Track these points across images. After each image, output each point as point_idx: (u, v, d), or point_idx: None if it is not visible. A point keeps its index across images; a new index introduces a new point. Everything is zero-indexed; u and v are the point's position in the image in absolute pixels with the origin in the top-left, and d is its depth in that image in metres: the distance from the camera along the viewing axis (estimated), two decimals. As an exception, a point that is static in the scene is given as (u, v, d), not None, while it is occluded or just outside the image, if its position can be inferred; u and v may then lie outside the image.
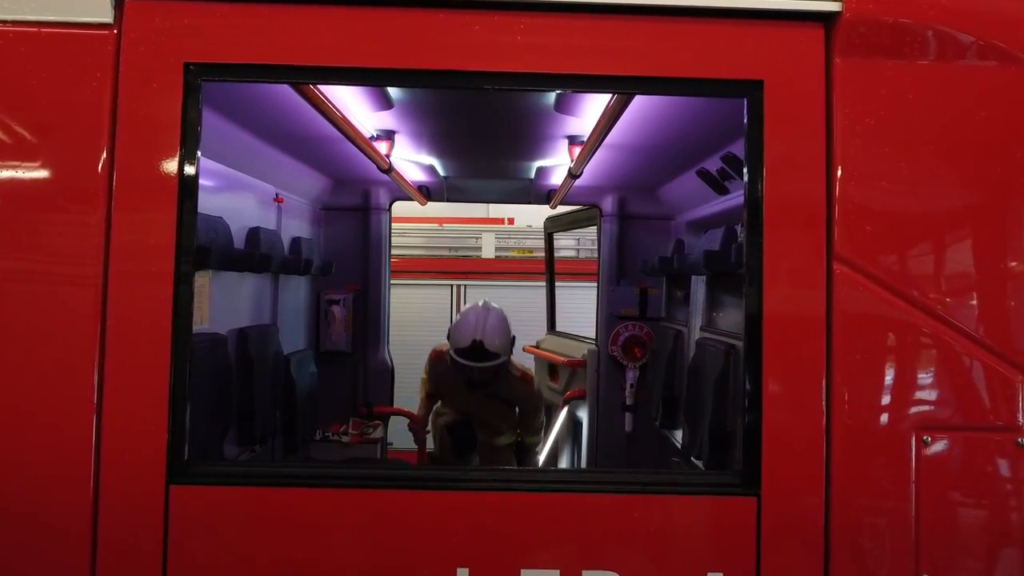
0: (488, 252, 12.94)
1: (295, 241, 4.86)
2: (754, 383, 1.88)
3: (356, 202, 5.73)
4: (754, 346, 1.88)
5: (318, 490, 1.86)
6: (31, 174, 1.86)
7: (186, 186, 1.87)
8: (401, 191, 5.53)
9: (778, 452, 1.87)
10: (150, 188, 1.87)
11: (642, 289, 5.69)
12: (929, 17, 1.90)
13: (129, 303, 1.84)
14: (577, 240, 14.28)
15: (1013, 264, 1.89)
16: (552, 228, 7.00)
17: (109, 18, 1.88)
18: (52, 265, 1.85)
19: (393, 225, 6.00)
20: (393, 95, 3.17)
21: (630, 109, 3.00)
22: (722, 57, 1.92)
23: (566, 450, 6.14)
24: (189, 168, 1.87)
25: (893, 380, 1.89)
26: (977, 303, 1.89)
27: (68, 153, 1.87)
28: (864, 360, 1.88)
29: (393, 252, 6.10)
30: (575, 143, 3.99)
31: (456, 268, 11.09)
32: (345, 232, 5.75)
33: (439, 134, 4.15)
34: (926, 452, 1.86)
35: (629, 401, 5.58)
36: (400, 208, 6.07)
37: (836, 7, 1.90)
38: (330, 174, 5.29)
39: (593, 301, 6.07)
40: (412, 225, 13.23)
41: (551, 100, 3.25)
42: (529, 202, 5.94)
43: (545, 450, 6.13)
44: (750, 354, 1.89)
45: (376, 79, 2.01)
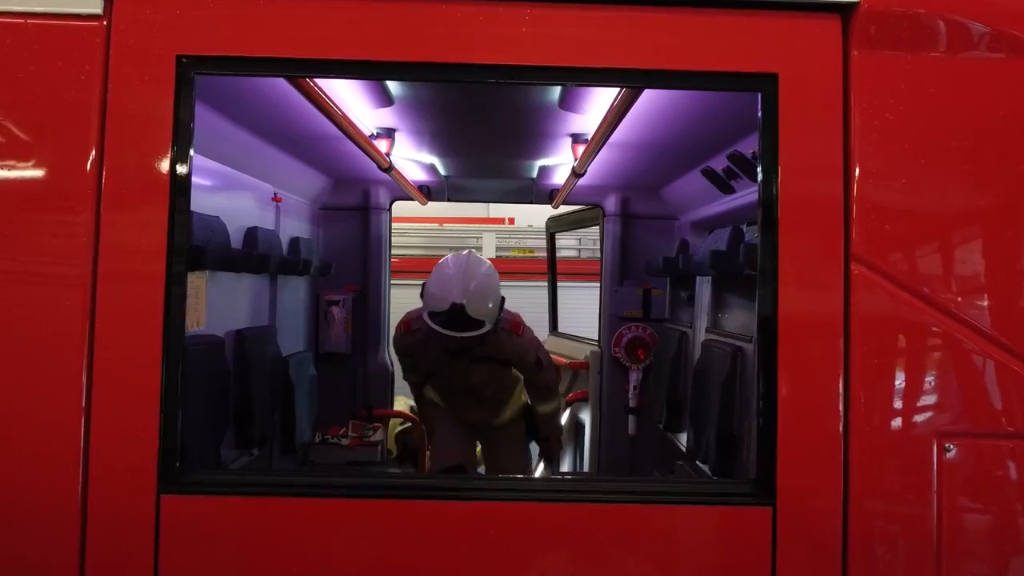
0: (489, 252, 12.89)
1: (294, 241, 4.79)
2: (768, 388, 1.81)
3: (356, 202, 5.66)
4: (768, 349, 1.81)
5: (316, 500, 1.79)
6: (16, 171, 1.79)
7: (178, 184, 1.80)
8: (401, 190, 5.47)
9: (794, 460, 1.80)
10: (141, 186, 1.80)
11: (645, 290, 5.63)
12: (951, 8, 1.83)
13: (119, 305, 1.77)
14: (579, 240, 14.24)
15: (1039, 264, 1.83)
16: (554, 228, 6.93)
17: (98, 9, 1.81)
18: (38, 265, 1.78)
19: (393, 225, 5.93)
20: (393, 91, 3.10)
21: (635, 106, 2.93)
22: (735, 50, 1.85)
23: (568, 453, 6.07)
24: (182, 165, 1.80)
25: (913, 385, 1.82)
26: (1002, 305, 1.82)
27: (56, 149, 1.80)
28: (883, 364, 1.81)
29: (393, 252, 6.03)
30: (579, 141, 3.93)
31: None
32: (345, 232, 5.69)
33: (440, 132, 4.08)
34: (947, 459, 1.79)
35: (632, 403, 5.52)
36: (400, 208, 6.00)
37: (854, -3, 1.83)
38: (329, 173, 5.23)
39: (594, 301, 6.01)
40: (413, 225, 13.20)
41: (555, 97, 3.18)
42: (531, 201, 5.87)
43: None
44: (764, 358, 1.82)
45: (376, 72, 1.94)
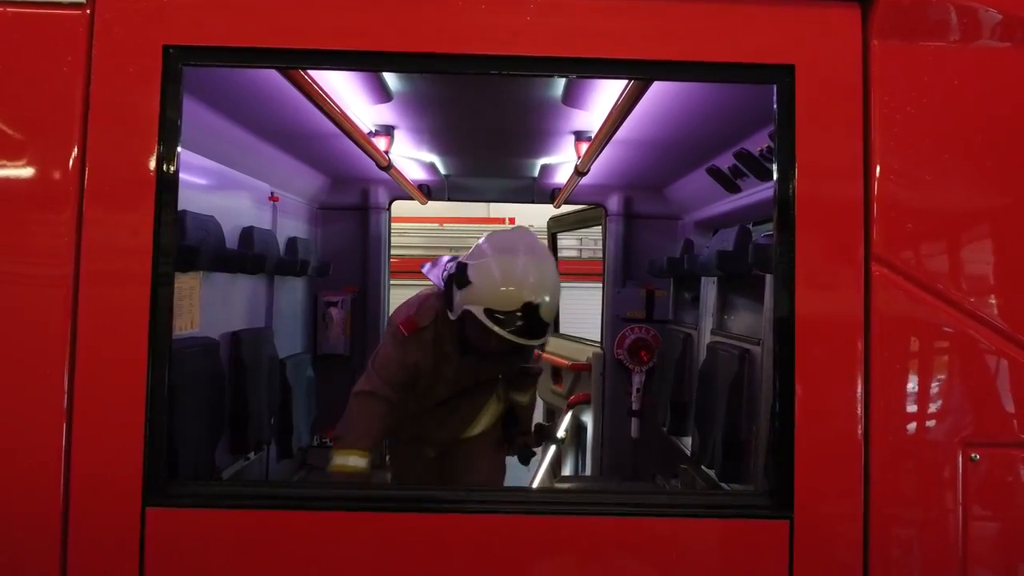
0: (489, 252, 12.74)
1: (291, 241, 4.71)
2: (784, 395, 1.72)
3: (354, 201, 5.59)
4: (785, 354, 1.72)
5: (311, 513, 1.70)
6: (-5, 167, 1.70)
7: (165, 181, 1.71)
8: (401, 190, 5.38)
9: (812, 470, 1.71)
10: (126, 183, 1.71)
11: (648, 291, 5.54)
12: (977, -5, 1.74)
13: (102, 307, 1.69)
14: (580, 240, 14.16)
15: (1070, 265, 1.74)
16: (555, 228, 6.85)
17: (82, -3, 1.72)
18: (16, 264, 1.70)
19: (392, 225, 5.85)
20: (392, 86, 3.01)
21: (639, 103, 2.84)
22: (749, 40, 1.77)
23: (570, 457, 5.99)
24: (169, 161, 1.72)
25: (937, 391, 1.73)
26: (1031, 308, 1.73)
27: (36, 145, 1.72)
28: (905, 370, 1.73)
29: (393, 252, 5.96)
30: (582, 139, 3.84)
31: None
32: (343, 232, 5.61)
33: (440, 129, 4.00)
34: (974, 470, 1.70)
35: (635, 406, 5.44)
36: (400, 207, 5.92)
37: (875, -16, 1.74)
38: (328, 172, 5.14)
39: (595, 302, 5.93)
40: (412, 225, 13.11)
41: (558, 92, 3.09)
42: (533, 201, 5.79)
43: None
44: (780, 363, 1.73)
45: (373, 63, 1.85)
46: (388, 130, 3.82)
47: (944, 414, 1.73)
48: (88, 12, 1.73)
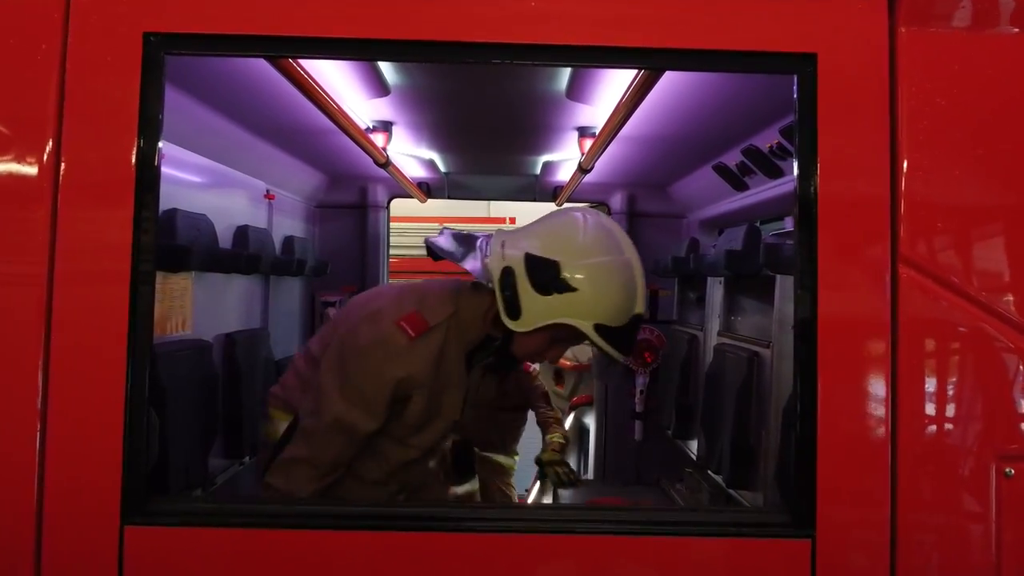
0: (490, 251, 12.64)
1: (287, 240, 4.60)
2: (806, 405, 1.61)
3: (353, 199, 5.48)
4: (807, 362, 1.62)
5: (303, 532, 1.59)
6: (-37, 162, 1.59)
7: (145, 176, 1.60)
8: (400, 188, 5.28)
9: (836, 485, 1.60)
10: (103, 178, 1.60)
11: (652, 291, 5.43)
12: (1013, -22, 1.63)
13: (78, 308, 1.58)
14: (581, 239, 14.03)
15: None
16: (557, 227, 6.72)
17: (57, -19, 1.61)
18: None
19: (391, 224, 5.75)
20: (390, 80, 2.90)
21: (645, 98, 2.73)
22: (768, 26, 1.66)
23: (572, 459, 5.89)
24: (149, 155, 1.61)
25: (969, 401, 1.62)
26: (1070, 313, 1.62)
27: (8, 138, 1.61)
28: (936, 379, 1.62)
29: (392, 252, 5.86)
30: (586, 135, 3.73)
31: (458, 269, 10.82)
32: (341, 231, 5.51)
33: (440, 125, 3.88)
34: (1009, 486, 1.60)
35: (639, 408, 5.33)
36: (399, 207, 5.82)
37: (901, -33, 1.64)
38: (325, 170, 5.04)
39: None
40: (412, 224, 13.00)
41: (562, 86, 2.98)
42: (534, 199, 5.69)
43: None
44: (802, 371, 1.62)
45: (367, 51, 1.74)
46: (386, 126, 3.71)
47: (977, 427, 1.62)
48: (63, -3, 1.62)
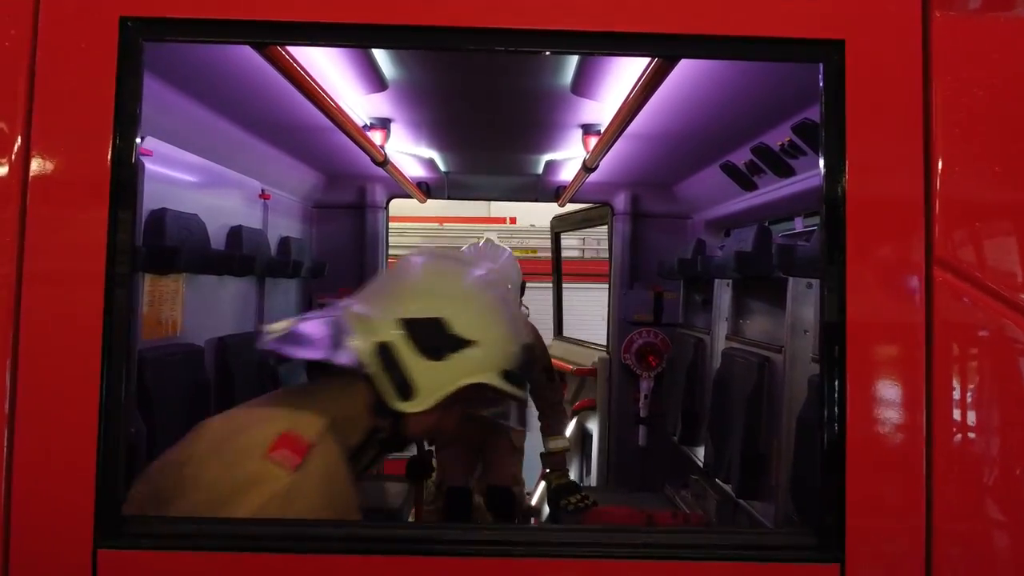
0: (490, 253, 12.56)
1: (283, 241, 4.49)
2: (835, 416, 1.50)
3: (351, 199, 5.38)
4: (834, 371, 1.50)
5: (290, 556, 1.47)
6: (-76, 156, 1.48)
7: (122, 171, 1.48)
8: (399, 188, 5.17)
9: (866, 505, 1.48)
10: (76, 174, 1.48)
11: (657, 293, 5.33)
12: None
13: (48, 312, 1.46)
14: (582, 240, 13.95)
15: None
16: (559, 228, 6.64)
17: (27, -38, 1.50)
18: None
19: (390, 224, 5.64)
20: (387, 74, 2.79)
21: (656, 91, 2.62)
22: (792, 11, 1.54)
23: (574, 465, 5.77)
24: (126, 150, 1.49)
25: (1012, 415, 1.50)
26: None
27: (-27, 130, 1.49)
28: (974, 390, 1.50)
29: (391, 253, 5.75)
30: (590, 132, 3.62)
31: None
32: (339, 231, 5.40)
33: (439, 123, 3.77)
34: (1053, 506, 1.48)
35: (643, 413, 5.23)
36: (398, 206, 5.71)
37: (935, -53, 1.52)
38: (322, 169, 4.93)
39: (595, 302, 5.73)
40: (411, 224, 12.90)
41: (567, 80, 2.87)
42: (536, 199, 5.58)
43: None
44: (829, 381, 1.51)
45: (361, 38, 1.62)
46: (384, 123, 3.60)
47: (1019, 441, 1.50)
48: (34, -22, 1.50)
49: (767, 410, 3.30)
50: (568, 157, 4.42)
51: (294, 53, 2.34)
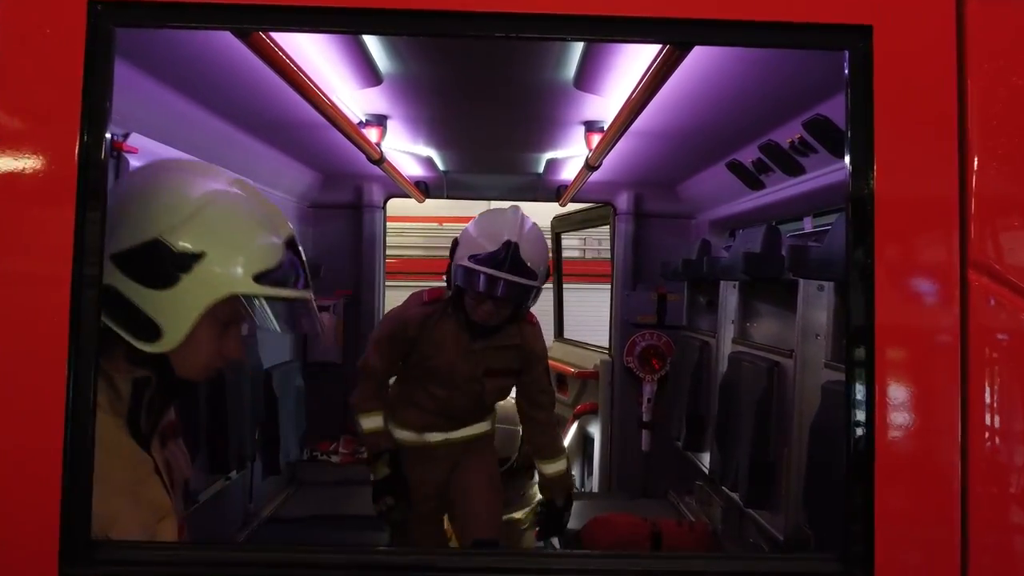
0: (490, 252, 12.46)
1: (278, 241, 4.37)
2: (863, 429, 1.38)
3: (347, 199, 5.27)
4: (863, 380, 1.39)
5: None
6: None
7: (90, 167, 1.37)
8: (396, 187, 5.05)
9: (896, 524, 1.37)
10: (40, 168, 1.37)
11: (660, 294, 5.21)
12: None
13: (8, 317, 1.35)
14: (583, 240, 13.83)
15: None
16: (560, 228, 6.53)
17: (-11, -59, 1.38)
18: None
19: (388, 224, 5.54)
20: (382, 67, 2.67)
21: (664, 84, 2.50)
22: (816, -6, 1.43)
23: (576, 470, 5.66)
24: (95, 144, 1.37)
25: (1053, 431, 1.39)
26: None
27: (-70, 122, 1.37)
28: (1013, 401, 1.39)
29: (389, 253, 5.64)
30: (593, 130, 3.51)
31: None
32: (335, 232, 5.30)
33: (437, 119, 3.66)
34: (1099, 529, 1.37)
35: (646, 417, 5.12)
36: (396, 206, 5.61)
37: (969, -73, 1.41)
38: (318, 168, 4.82)
39: (593, 303, 5.62)
40: (409, 224, 12.79)
41: (569, 75, 2.76)
42: (536, 199, 5.46)
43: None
44: (855, 391, 1.39)
45: (351, 23, 1.50)
46: (380, 120, 3.48)
47: (1062, 459, 1.39)
48: (-5, -41, 1.39)
49: (776, 416, 3.19)
50: (570, 155, 4.32)
51: (282, 43, 2.23)
